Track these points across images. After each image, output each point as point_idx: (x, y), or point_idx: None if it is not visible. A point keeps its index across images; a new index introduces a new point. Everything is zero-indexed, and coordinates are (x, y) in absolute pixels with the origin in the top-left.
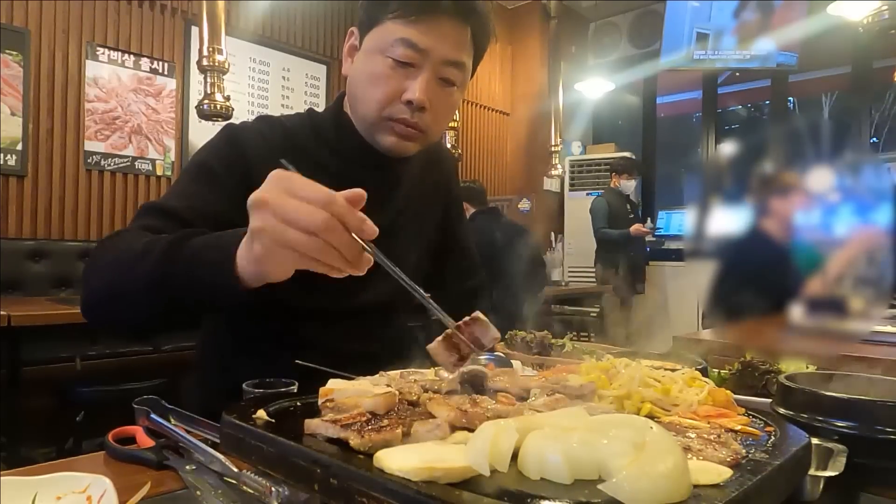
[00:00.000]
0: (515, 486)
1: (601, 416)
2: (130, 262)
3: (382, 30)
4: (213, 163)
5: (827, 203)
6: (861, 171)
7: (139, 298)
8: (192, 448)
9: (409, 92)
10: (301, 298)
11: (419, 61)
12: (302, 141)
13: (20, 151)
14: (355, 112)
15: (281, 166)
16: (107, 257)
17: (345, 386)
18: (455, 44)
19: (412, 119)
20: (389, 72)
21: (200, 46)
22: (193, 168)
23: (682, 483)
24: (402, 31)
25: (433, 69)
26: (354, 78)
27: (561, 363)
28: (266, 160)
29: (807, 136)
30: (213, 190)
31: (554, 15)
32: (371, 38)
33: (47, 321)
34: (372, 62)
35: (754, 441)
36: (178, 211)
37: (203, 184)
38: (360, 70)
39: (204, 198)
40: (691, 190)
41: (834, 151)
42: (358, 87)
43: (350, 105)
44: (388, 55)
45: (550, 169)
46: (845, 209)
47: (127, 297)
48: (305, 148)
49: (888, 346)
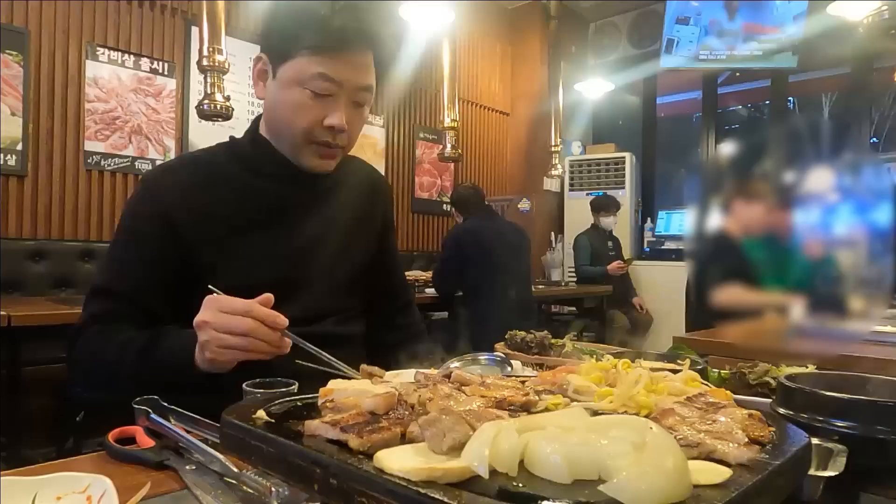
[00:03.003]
0: (515, 486)
1: (601, 416)
2: (109, 370)
3: (298, 63)
4: (136, 225)
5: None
6: (861, 171)
7: (124, 387)
8: (192, 448)
9: (331, 118)
10: None
11: (335, 91)
12: (223, 168)
13: (20, 151)
14: (278, 135)
15: (209, 285)
16: (85, 361)
17: (345, 386)
18: (364, 71)
19: (334, 141)
20: (309, 102)
21: (200, 46)
22: (122, 237)
23: (682, 483)
24: (317, 66)
25: (348, 96)
26: (274, 106)
27: (561, 363)
28: (185, 200)
29: (807, 136)
30: (144, 254)
31: (554, 15)
32: (287, 70)
33: (47, 321)
34: (290, 93)
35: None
36: (121, 292)
37: (134, 251)
38: (279, 100)
39: (139, 268)
40: (691, 190)
41: (834, 151)
42: (280, 116)
43: (269, 128)
44: (307, 87)
45: (550, 169)
46: (845, 209)
47: (113, 387)
48: (226, 174)
49: (888, 346)
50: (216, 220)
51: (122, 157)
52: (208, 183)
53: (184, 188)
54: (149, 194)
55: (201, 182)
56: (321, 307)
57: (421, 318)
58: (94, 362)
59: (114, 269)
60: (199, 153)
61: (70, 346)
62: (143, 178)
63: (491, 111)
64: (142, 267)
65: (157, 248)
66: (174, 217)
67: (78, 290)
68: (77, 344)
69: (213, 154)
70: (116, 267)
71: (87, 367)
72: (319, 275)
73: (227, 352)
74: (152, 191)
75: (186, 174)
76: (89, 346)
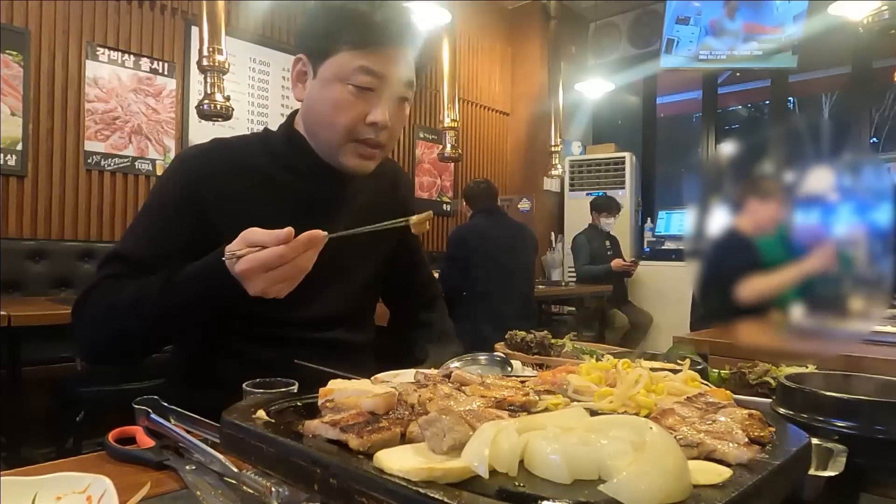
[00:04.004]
0: (515, 486)
1: (601, 416)
2: (126, 313)
3: (339, 59)
4: (166, 199)
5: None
6: (861, 171)
7: (143, 334)
8: (192, 448)
9: (374, 114)
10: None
11: (378, 85)
12: (255, 160)
13: (20, 151)
14: (316, 136)
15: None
16: (100, 310)
17: (345, 386)
18: (406, 65)
19: (376, 138)
20: (351, 98)
21: (200, 46)
22: (149, 209)
23: (682, 483)
24: (359, 59)
25: (391, 91)
26: (314, 105)
27: (561, 363)
28: (217, 183)
29: (807, 136)
30: (168, 227)
31: (554, 15)
32: (328, 68)
33: (47, 321)
34: (332, 90)
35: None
36: (140, 260)
37: (159, 223)
38: (320, 98)
39: (162, 240)
40: (691, 190)
41: (834, 151)
42: (320, 114)
43: (308, 129)
44: (349, 82)
45: (550, 169)
46: (845, 209)
47: (131, 338)
48: (258, 166)
49: (888, 346)
50: (241, 209)
51: (122, 157)
52: (239, 171)
53: (216, 171)
54: (182, 171)
55: (233, 169)
56: (335, 310)
57: (447, 315)
58: (109, 309)
59: (135, 238)
60: (233, 140)
61: (79, 303)
62: (179, 154)
63: (491, 111)
64: (165, 239)
65: (182, 224)
66: (203, 197)
67: (78, 290)
68: (88, 297)
69: (248, 144)
70: (139, 235)
71: (99, 317)
72: (337, 278)
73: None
74: (186, 168)
75: (220, 158)
76: (104, 294)
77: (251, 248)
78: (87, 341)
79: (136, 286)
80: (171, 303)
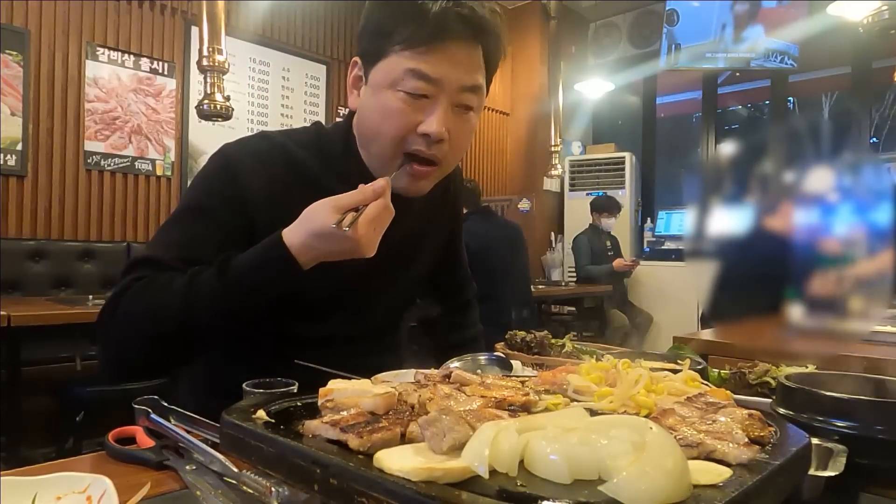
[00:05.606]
0: (515, 486)
1: (601, 416)
2: (182, 303)
3: (389, 62)
4: (208, 201)
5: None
6: (861, 171)
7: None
8: (192, 448)
9: (426, 125)
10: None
11: (433, 92)
12: (308, 169)
13: (20, 151)
14: (367, 148)
15: None
16: (137, 311)
17: (345, 386)
18: (469, 68)
19: (429, 151)
20: (402, 106)
21: (200, 46)
22: (190, 211)
23: (682, 483)
24: (410, 62)
25: (449, 98)
26: (364, 114)
27: (561, 363)
28: (265, 185)
29: (807, 136)
30: (209, 233)
31: (554, 15)
32: (378, 72)
33: (47, 321)
34: (382, 97)
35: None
36: (173, 264)
37: (201, 228)
38: (369, 106)
39: (201, 243)
40: (691, 190)
41: (834, 151)
42: (369, 124)
43: (360, 140)
44: (399, 89)
45: (550, 169)
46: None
47: (175, 340)
48: (312, 175)
49: (888, 346)
50: (287, 216)
51: (121, 157)
52: (290, 175)
53: (265, 175)
54: (230, 174)
55: (283, 173)
56: (365, 328)
57: (477, 318)
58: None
59: (169, 241)
60: (284, 139)
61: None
62: (226, 153)
63: (491, 111)
64: (204, 243)
65: (223, 229)
66: (250, 201)
67: (78, 290)
68: (119, 301)
69: (301, 145)
70: (174, 238)
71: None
72: (375, 295)
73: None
74: (234, 171)
75: (271, 159)
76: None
77: (352, 211)
78: (119, 349)
79: (184, 280)
80: (233, 296)
